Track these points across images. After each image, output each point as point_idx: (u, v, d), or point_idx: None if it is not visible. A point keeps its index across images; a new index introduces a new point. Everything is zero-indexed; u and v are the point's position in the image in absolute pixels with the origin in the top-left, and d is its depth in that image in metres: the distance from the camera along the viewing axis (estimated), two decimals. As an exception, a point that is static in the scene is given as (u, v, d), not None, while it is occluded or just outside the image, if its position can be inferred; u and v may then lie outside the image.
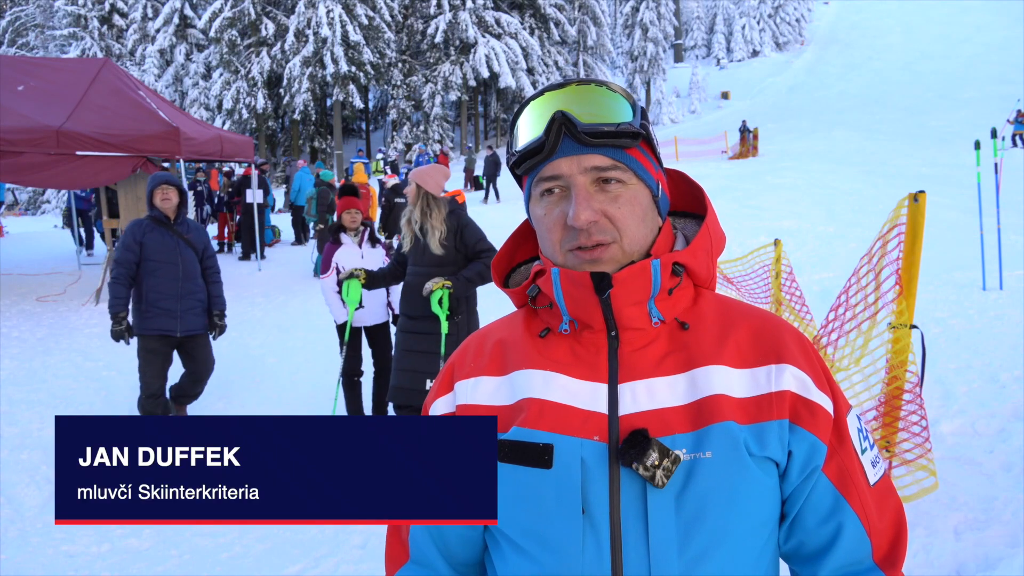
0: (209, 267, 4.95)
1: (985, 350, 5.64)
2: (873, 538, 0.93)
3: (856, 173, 17.44)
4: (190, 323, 4.79)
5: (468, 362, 1.03)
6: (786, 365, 0.92)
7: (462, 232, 4.14)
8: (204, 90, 35.75)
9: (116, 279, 4.64)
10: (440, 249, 4.05)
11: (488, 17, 36.27)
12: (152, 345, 4.74)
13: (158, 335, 4.72)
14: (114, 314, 4.62)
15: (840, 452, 0.93)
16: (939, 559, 2.97)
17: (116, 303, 4.63)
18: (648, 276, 0.92)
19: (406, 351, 4.16)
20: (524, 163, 0.96)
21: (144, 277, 4.68)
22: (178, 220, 4.80)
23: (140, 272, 4.68)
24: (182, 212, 4.83)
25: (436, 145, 34.86)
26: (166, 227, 4.74)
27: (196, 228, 4.97)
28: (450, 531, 1.01)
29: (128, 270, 4.64)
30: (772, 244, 6.00)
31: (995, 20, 47.79)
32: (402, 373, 4.15)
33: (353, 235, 5.21)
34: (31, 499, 4.16)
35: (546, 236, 0.96)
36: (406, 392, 4.10)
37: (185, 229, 4.83)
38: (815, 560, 0.94)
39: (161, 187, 4.71)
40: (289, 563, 3.45)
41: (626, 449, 0.86)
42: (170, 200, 4.73)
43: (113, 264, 4.70)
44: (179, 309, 4.72)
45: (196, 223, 5.02)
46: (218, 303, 4.97)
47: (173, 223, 4.77)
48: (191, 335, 4.84)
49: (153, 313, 4.67)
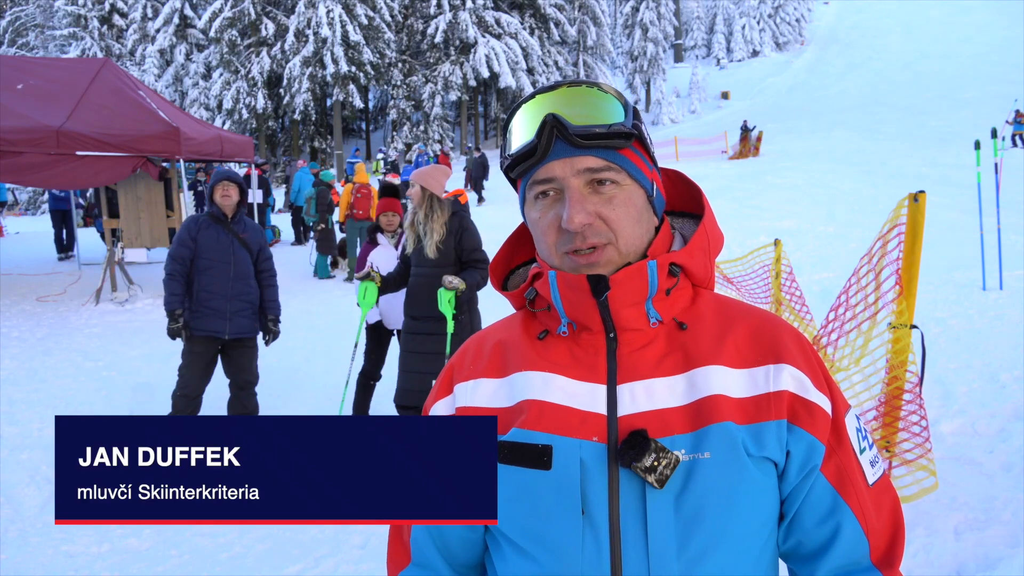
0: (264, 269, 4.77)
1: (985, 350, 5.64)
2: (871, 538, 0.93)
3: (856, 173, 17.45)
4: (239, 325, 4.63)
5: (467, 364, 1.03)
6: (784, 365, 0.92)
7: (461, 235, 4.15)
8: (204, 90, 35.74)
9: (171, 275, 4.51)
10: (435, 253, 4.07)
11: (488, 17, 36.26)
12: (198, 347, 4.60)
13: (205, 336, 4.58)
14: (170, 311, 4.49)
15: (838, 452, 0.93)
16: (939, 559, 2.97)
17: (172, 300, 4.49)
18: (645, 277, 0.92)
19: (411, 352, 4.18)
20: (517, 167, 0.96)
21: (196, 275, 4.54)
22: (235, 218, 4.65)
23: (192, 269, 4.55)
24: (241, 210, 4.69)
25: (436, 145, 34.83)
26: (222, 225, 4.60)
27: (253, 228, 4.80)
28: (451, 533, 1.01)
29: (183, 266, 4.51)
30: (772, 244, 6.01)
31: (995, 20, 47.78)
32: (408, 374, 4.18)
33: (390, 236, 5.13)
34: (31, 499, 4.16)
35: (541, 239, 0.96)
36: (413, 393, 4.12)
37: (241, 228, 4.67)
38: (813, 560, 0.94)
39: (222, 183, 4.58)
40: (289, 563, 3.45)
41: (625, 450, 0.86)
42: (230, 197, 4.58)
43: (168, 260, 4.57)
44: (228, 310, 4.56)
45: (254, 223, 4.87)
46: (272, 307, 4.81)
47: (230, 221, 4.63)
48: (239, 338, 4.68)
49: (203, 313, 4.53)
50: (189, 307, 4.57)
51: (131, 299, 9.35)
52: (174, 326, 4.51)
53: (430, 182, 4.15)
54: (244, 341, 4.74)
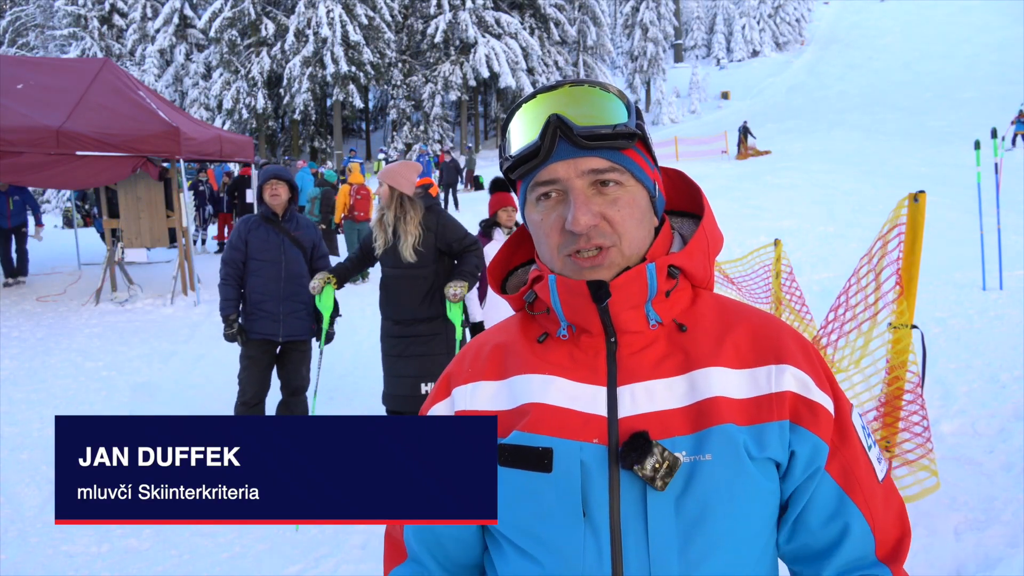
0: (321, 267, 4.57)
1: (985, 350, 5.64)
2: (877, 534, 0.93)
3: (856, 173, 17.44)
4: (293, 328, 4.49)
5: (466, 368, 1.03)
6: (786, 366, 0.92)
7: (443, 231, 3.95)
8: (204, 90, 35.73)
9: (224, 280, 4.44)
10: (413, 255, 3.87)
11: (488, 17, 36.24)
12: (252, 351, 4.47)
13: (259, 339, 4.45)
14: (225, 316, 4.41)
15: (843, 451, 0.93)
16: (939, 559, 2.97)
17: (226, 305, 4.41)
18: (644, 280, 0.92)
19: (397, 356, 3.96)
20: (519, 168, 0.94)
21: (248, 277, 4.46)
22: (286, 217, 4.54)
23: (245, 272, 4.46)
24: (291, 208, 4.57)
25: (436, 145, 34.82)
26: (273, 224, 4.50)
27: (306, 225, 4.67)
28: (445, 533, 1.01)
29: (235, 270, 4.43)
30: (772, 244, 6.00)
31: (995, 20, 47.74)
32: (397, 380, 3.97)
33: (506, 232, 5.02)
34: (31, 499, 4.16)
35: (543, 241, 0.95)
36: (403, 399, 3.94)
37: (293, 226, 4.55)
38: (819, 560, 0.94)
39: (270, 182, 4.47)
40: (289, 563, 3.45)
41: (626, 452, 0.86)
42: (279, 196, 4.48)
43: (221, 264, 4.50)
44: (281, 312, 4.43)
45: (307, 219, 4.74)
46: None
47: (281, 219, 4.53)
48: (293, 340, 4.54)
49: (256, 316, 4.42)
50: (244, 311, 4.48)
51: (131, 299, 9.36)
52: (229, 332, 4.42)
53: (399, 180, 3.90)
54: (297, 344, 4.60)
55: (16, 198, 10.72)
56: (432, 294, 3.95)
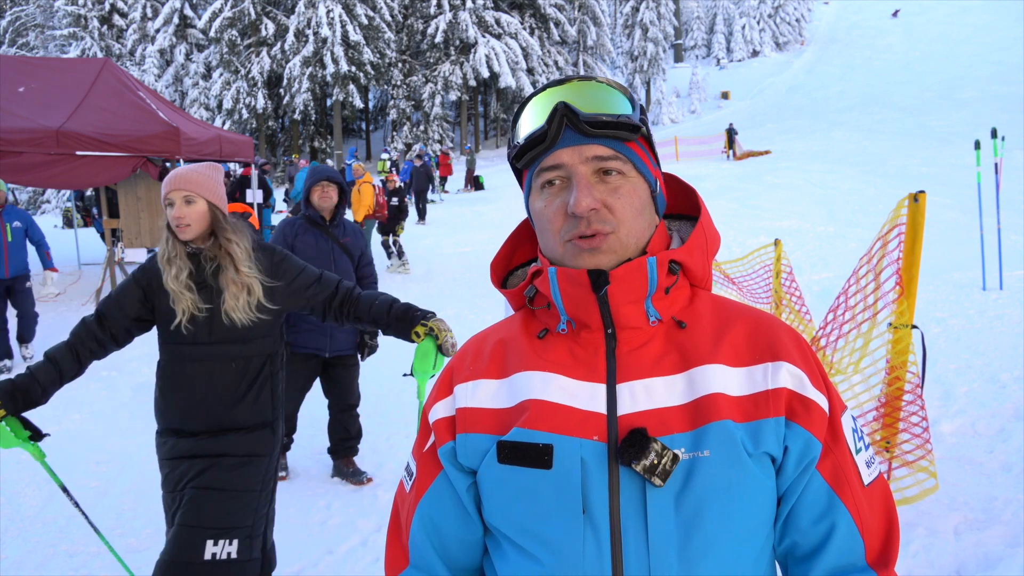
0: (366, 275, 4.29)
1: (985, 350, 5.64)
2: (866, 538, 0.93)
3: (856, 173, 17.46)
4: (340, 342, 4.15)
5: (467, 365, 1.03)
6: (782, 362, 0.93)
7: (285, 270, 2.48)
8: (204, 90, 35.74)
9: None
10: (250, 318, 2.35)
11: (488, 17, 36.25)
12: (296, 365, 4.03)
13: (305, 353, 4.09)
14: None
15: (835, 450, 0.93)
16: (939, 559, 2.97)
17: None
18: (644, 273, 0.93)
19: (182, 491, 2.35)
20: (525, 155, 0.97)
21: None
22: (334, 221, 4.21)
23: None
24: (340, 212, 4.21)
25: (436, 145, 34.84)
26: (321, 229, 4.17)
27: (354, 231, 4.33)
28: (450, 535, 1.01)
29: None
30: (772, 244, 6.01)
31: (995, 20, 47.73)
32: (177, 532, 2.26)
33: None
34: (31, 499, 4.16)
35: (546, 227, 0.96)
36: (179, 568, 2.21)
37: (341, 232, 4.23)
38: (808, 560, 0.94)
39: (321, 184, 4.13)
40: (289, 563, 3.45)
41: (625, 448, 0.87)
42: (330, 199, 4.15)
43: None
44: (330, 325, 4.03)
45: (354, 225, 4.38)
46: None
47: (329, 224, 4.20)
48: (340, 355, 4.19)
49: (302, 328, 4.06)
50: (288, 322, 4.01)
51: (131, 299, 9.33)
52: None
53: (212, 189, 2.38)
54: (345, 359, 4.26)
55: (16, 224, 6.72)
56: (262, 384, 2.45)
